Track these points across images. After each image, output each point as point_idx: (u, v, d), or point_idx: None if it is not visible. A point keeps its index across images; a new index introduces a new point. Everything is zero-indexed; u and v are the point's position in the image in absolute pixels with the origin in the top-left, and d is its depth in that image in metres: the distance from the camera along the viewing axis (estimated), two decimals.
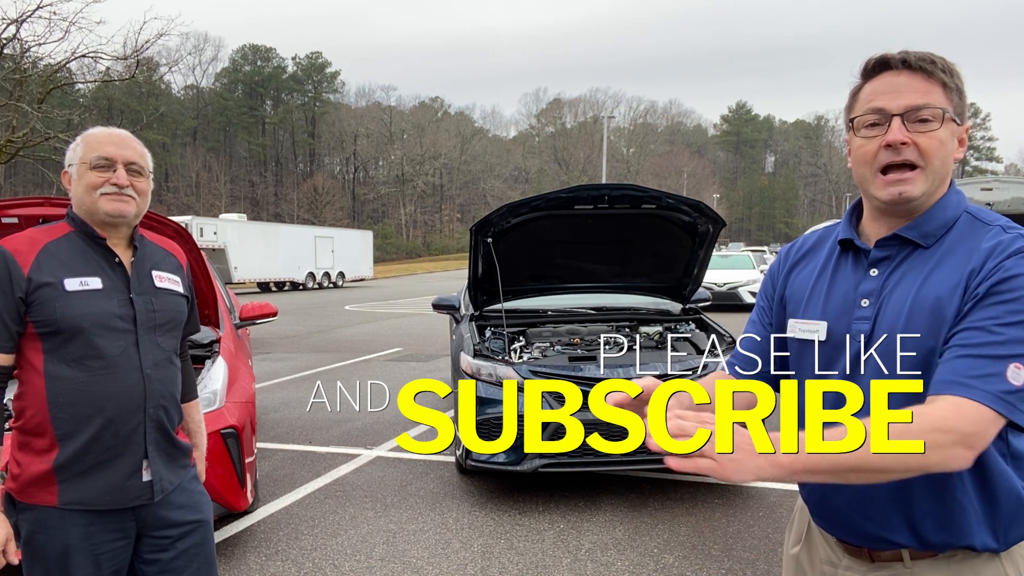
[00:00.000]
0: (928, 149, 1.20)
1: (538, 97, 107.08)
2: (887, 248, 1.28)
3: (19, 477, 1.76)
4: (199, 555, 1.95)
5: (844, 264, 1.35)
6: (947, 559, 1.23)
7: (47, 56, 18.66)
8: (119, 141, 1.84)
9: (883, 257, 1.28)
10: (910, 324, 1.19)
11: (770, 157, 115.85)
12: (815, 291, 1.36)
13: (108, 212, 1.80)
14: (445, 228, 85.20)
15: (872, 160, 1.23)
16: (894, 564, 1.27)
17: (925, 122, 1.19)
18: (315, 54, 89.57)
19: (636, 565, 3.52)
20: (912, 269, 1.24)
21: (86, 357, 1.74)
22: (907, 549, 1.25)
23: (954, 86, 1.22)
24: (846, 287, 1.31)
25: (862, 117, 1.25)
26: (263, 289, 30.59)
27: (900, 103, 1.20)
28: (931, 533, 1.22)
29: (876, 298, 1.26)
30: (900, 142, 1.20)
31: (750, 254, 20.52)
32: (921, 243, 1.24)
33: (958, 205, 1.26)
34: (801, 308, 1.37)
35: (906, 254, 1.26)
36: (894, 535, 1.25)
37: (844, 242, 1.35)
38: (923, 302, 1.19)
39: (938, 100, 1.20)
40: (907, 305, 1.21)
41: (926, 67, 1.21)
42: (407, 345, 11.92)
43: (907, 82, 1.21)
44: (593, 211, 4.73)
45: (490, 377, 4.29)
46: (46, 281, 1.73)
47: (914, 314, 1.20)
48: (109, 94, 60.43)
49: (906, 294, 1.22)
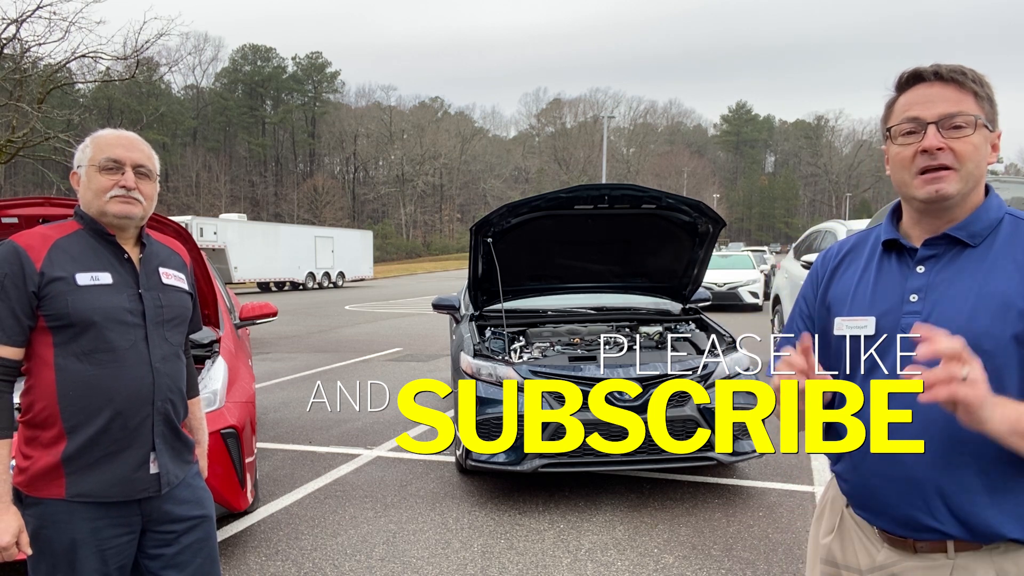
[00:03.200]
0: (963, 153, 1.27)
1: (538, 97, 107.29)
2: (935, 247, 1.34)
3: (27, 470, 1.77)
4: (203, 550, 1.97)
5: (888, 263, 1.41)
6: (990, 551, 1.27)
7: (47, 56, 18.68)
8: (128, 143, 1.87)
9: (931, 255, 1.34)
10: (975, 317, 1.25)
11: (770, 157, 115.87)
12: (859, 289, 1.42)
13: (116, 214, 1.83)
14: (445, 228, 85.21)
15: (910, 165, 1.31)
16: (936, 555, 1.30)
17: (959, 128, 1.27)
18: (315, 54, 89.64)
19: (636, 565, 3.52)
20: (967, 267, 1.30)
21: (97, 350, 1.77)
22: (953, 540, 1.28)
23: (984, 95, 1.30)
24: (892, 283, 1.37)
25: (899, 126, 1.33)
26: (263, 289, 30.59)
27: (934, 111, 1.28)
28: (984, 524, 1.25)
29: (925, 293, 1.32)
30: (936, 147, 1.27)
31: (750, 254, 20.49)
32: (969, 243, 1.31)
33: (1000, 207, 1.34)
34: (847, 307, 1.42)
35: (955, 254, 1.32)
36: (945, 526, 1.28)
37: (889, 242, 1.41)
38: (989, 297, 1.25)
39: (970, 108, 1.28)
40: (970, 300, 1.27)
41: (957, 78, 1.29)
42: (407, 345, 11.92)
43: (940, 92, 1.29)
44: (593, 211, 4.72)
45: (490, 377, 4.29)
46: (58, 276, 1.75)
47: (979, 308, 1.25)
48: (109, 94, 60.46)
49: (967, 289, 1.28)
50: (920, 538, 1.31)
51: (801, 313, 1.55)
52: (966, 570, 1.28)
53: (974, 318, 1.25)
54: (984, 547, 1.27)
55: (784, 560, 3.54)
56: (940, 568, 1.30)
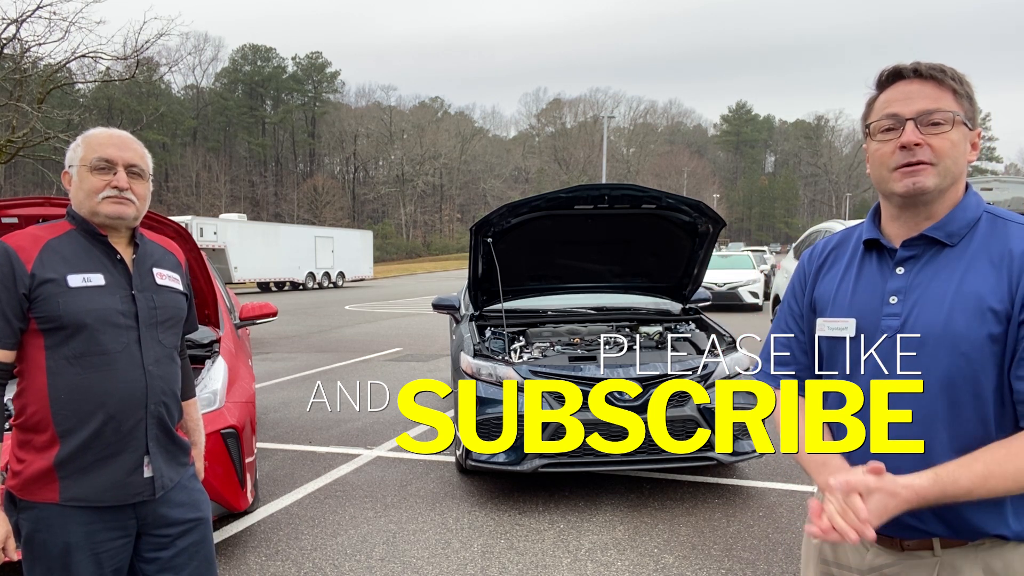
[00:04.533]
0: (940, 148, 1.28)
1: (538, 97, 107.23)
2: (914, 248, 1.34)
3: (20, 474, 1.75)
4: (199, 553, 1.95)
5: (869, 263, 1.41)
6: (976, 547, 1.28)
7: (47, 56, 18.67)
8: (120, 143, 1.83)
9: (910, 256, 1.34)
10: (952, 318, 1.25)
11: (770, 157, 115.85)
12: (841, 290, 1.42)
13: (108, 214, 1.80)
14: (445, 228, 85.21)
15: (888, 160, 1.32)
16: (923, 553, 1.31)
17: (937, 124, 1.28)
18: (315, 54, 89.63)
19: (636, 565, 3.52)
20: (944, 267, 1.30)
21: (88, 353, 1.75)
22: (938, 538, 1.29)
23: (964, 93, 1.30)
24: (872, 285, 1.37)
25: (878, 123, 1.33)
26: (263, 289, 30.58)
27: (913, 108, 1.29)
28: (965, 522, 1.26)
29: (905, 295, 1.32)
30: (914, 143, 1.28)
31: (750, 254, 20.49)
32: (947, 242, 1.31)
33: (978, 206, 1.34)
34: (829, 307, 1.43)
35: (933, 253, 1.32)
36: (927, 524, 1.29)
37: (869, 242, 1.41)
38: (965, 298, 1.25)
39: (948, 105, 1.29)
40: (947, 301, 1.27)
41: (936, 75, 1.30)
42: (407, 345, 11.92)
43: (919, 89, 1.30)
44: (593, 211, 4.72)
45: (490, 377, 4.29)
46: (49, 277, 1.73)
47: (955, 309, 1.25)
48: (109, 94, 60.44)
49: (944, 290, 1.28)
50: (906, 536, 1.32)
51: (791, 312, 1.55)
52: (953, 567, 1.29)
53: (951, 320, 1.25)
54: (970, 543, 1.28)
55: (784, 560, 3.54)
56: (927, 566, 1.31)
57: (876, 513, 1.16)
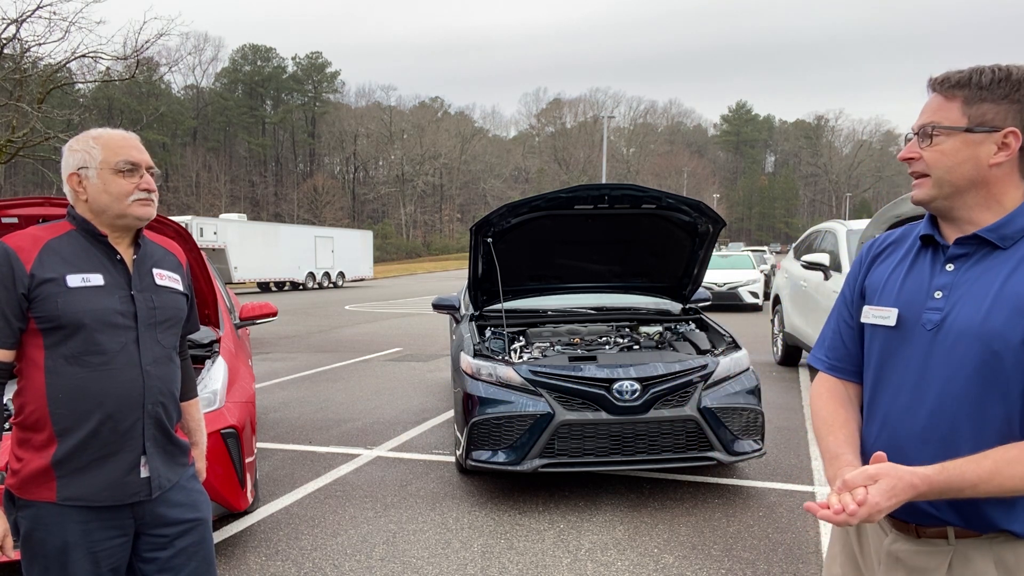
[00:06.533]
0: (929, 160, 1.34)
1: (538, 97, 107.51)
2: (966, 246, 1.36)
3: (19, 473, 1.76)
4: (197, 553, 1.95)
5: (922, 258, 1.44)
6: (990, 540, 1.30)
7: (47, 56, 18.71)
8: (137, 145, 1.86)
9: (961, 254, 1.36)
10: (990, 316, 1.27)
11: (770, 157, 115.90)
12: (890, 281, 1.46)
13: (139, 216, 1.82)
14: (445, 228, 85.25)
15: None
16: (938, 541, 1.34)
17: (928, 137, 1.34)
18: (315, 54, 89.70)
19: (636, 565, 3.52)
20: (992, 268, 1.32)
21: (87, 353, 1.75)
22: (953, 527, 1.32)
23: (985, 97, 1.31)
24: (921, 278, 1.41)
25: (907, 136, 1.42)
26: (263, 289, 30.59)
27: (916, 123, 1.37)
28: (979, 514, 1.28)
29: (950, 291, 1.34)
30: (905, 158, 1.37)
31: (750, 254, 20.49)
32: (999, 244, 1.33)
33: None
34: (877, 296, 1.47)
35: (984, 254, 1.34)
36: (943, 513, 1.31)
37: (925, 238, 1.44)
38: (1006, 298, 1.27)
39: (947, 116, 1.32)
40: (989, 299, 1.29)
41: (937, 88, 1.35)
42: (407, 345, 11.92)
43: (927, 103, 1.36)
44: (593, 211, 4.72)
45: (490, 377, 4.28)
46: (48, 277, 1.73)
47: (995, 307, 1.27)
48: (109, 94, 60.49)
49: (988, 289, 1.30)
50: (923, 523, 1.34)
51: (844, 299, 1.58)
52: (966, 556, 1.31)
53: (988, 318, 1.27)
54: (984, 535, 1.30)
55: (784, 560, 3.54)
56: (942, 554, 1.33)
57: (884, 494, 1.19)
